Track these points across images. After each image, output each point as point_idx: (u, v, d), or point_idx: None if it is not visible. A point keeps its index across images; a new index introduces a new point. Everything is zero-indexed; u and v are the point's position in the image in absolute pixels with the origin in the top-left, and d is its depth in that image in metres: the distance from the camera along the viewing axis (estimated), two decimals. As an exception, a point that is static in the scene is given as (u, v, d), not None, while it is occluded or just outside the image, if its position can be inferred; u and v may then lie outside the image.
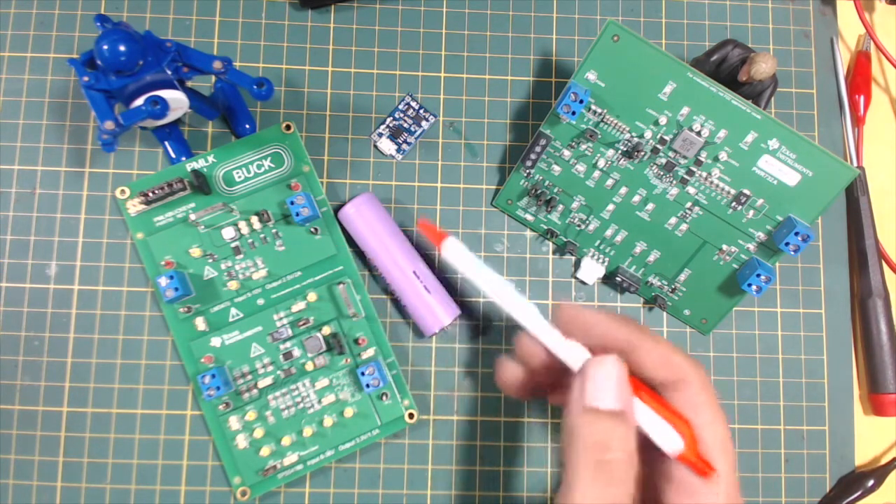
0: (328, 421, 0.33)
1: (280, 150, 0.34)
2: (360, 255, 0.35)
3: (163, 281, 0.32)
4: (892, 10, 0.40)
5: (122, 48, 0.27)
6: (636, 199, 0.34)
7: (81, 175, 0.35)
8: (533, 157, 0.34)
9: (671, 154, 0.33)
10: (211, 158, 0.34)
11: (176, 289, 0.32)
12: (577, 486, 0.22)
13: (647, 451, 0.24)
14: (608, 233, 0.35)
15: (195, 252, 0.33)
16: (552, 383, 0.27)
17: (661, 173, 0.33)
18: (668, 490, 0.24)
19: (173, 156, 0.34)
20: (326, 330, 0.33)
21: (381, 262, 0.33)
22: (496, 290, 0.27)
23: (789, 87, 0.38)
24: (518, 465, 0.34)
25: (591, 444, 0.23)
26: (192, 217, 0.33)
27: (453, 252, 0.28)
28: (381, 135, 0.36)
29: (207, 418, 0.33)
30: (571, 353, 0.25)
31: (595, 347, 0.25)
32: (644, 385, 0.24)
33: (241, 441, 0.33)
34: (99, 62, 0.27)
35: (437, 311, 0.33)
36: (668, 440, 0.23)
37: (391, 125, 0.36)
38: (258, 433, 0.33)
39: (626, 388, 0.24)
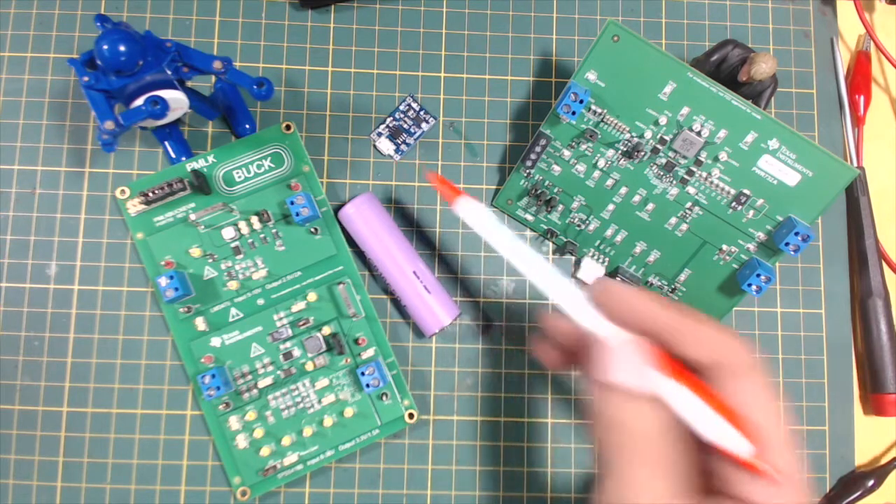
0: (328, 421, 0.33)
1: (280, 150, 0.34)
2: (360, 255, 0.35)
3: (163, 281, 0.32)
4: (892, 10, 0.40)
5: (122, 48, 0.27)
6: (636, 199, 0.34)
7: (81, 175, 0.35)
8: (533, 157, 0.34)
9: (671, 154, 0.33)
10: (211, 158, 0.34)
11: (176, 289, 0.32)
12: (610, 469, 0.21)
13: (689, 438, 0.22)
14: (608, 233, 0.35)
15: (195, 252, 0.33)
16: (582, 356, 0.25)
17: (661, 173, 0.33)
18: (721, 483, 0.22)
19: (173, 156, 0.34)
20: (326, 330, 0.33)
21: (381, 262, 0.33)
22: (520, 259, 0.25)
23: (789, 87, 0.38)
24: (518, 465, 0.34)
25: (614, 424, 0.21)
26: (192, 217, 0.33)
27: (468, 213, 0.26)
28: (380, 135, 0.36)
29: (207, 418, 0.33)
30: (603, 330, 0.23)
31: (632, 329, 0.23)
32: (688, 372, 0.22)
33: (241, 441, 0.33)
34: (99, 62, 0.27)
35: (437, 311, 0.33)
36: (730, 441, 0.21)
37: (391, 125, 0.36)
38: (258, 433, 0.33)
39: (650, 369, 0.22)
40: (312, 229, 0.34)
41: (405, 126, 0.36)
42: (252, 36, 0.36)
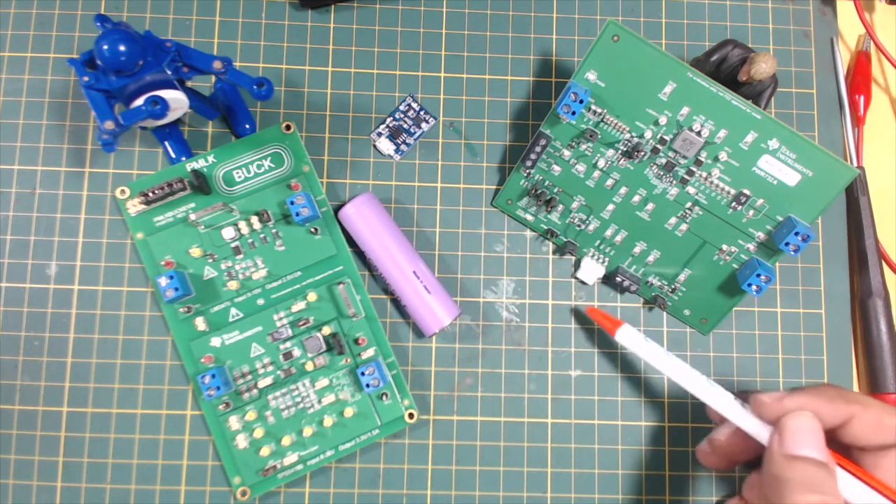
0: (328, 421, 0.33)
1: (280, 150, 0.34)
2: (360, 255, 0.35)
3: (163, 281, 0.32)
4: (892, 10, 0.40)
5: (122, 48, 0.27)
6: (636, 199, 0.34)
7: (81, 175, 0.35)
8: (533, 157, 0.34)
9: (671, 154, 0.33)
10: (211, 158, 0.34)
11: (176, 289, 0.32)
12: None
13: None
14: (608, 233, 0.35)
15: (195, 252, 0.33)
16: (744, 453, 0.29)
17: (661, 173, 0.33)
18: None
19: (173, 156, 0.34)
20: (326, 330, 0.33)
21: (381, 262, 0.33)
22: (680, 376, 0.30)
23: (789, 87, 0.38)
24: (518, 466, 0.34)
25: (801, 486, 0.24)
26: (192, 217, 0.33)
27: (629, 340, 0.32)
28: (380, 134, 0.36)
29: (207, 418, 0.33)
30: (759, 428, 0.27)
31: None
32: (841, 456, 0.25)
33: (241, 441, 0.33)
34: (99, 62, 0.27)
35: (437, 311, 0.33)
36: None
37: (391, 125, 0.36)
38: (258, 433, 0.33)
39: (823, 442, 0.25)
40: (312, 229, 0.34)
41: (405, 126, 0.36)
42: (252, 36, 0.36)
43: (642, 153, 0.33)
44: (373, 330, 0.34)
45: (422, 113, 0.36)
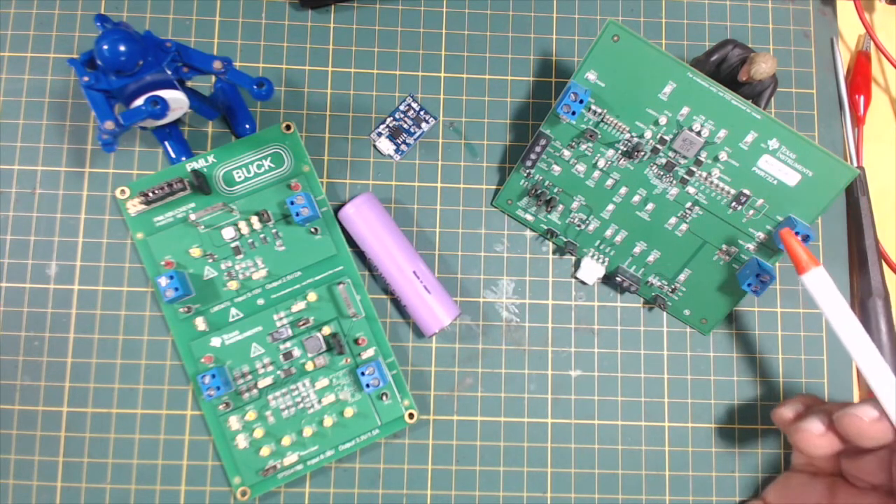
0: (328, 421, 0.33)
1: (280, 150, 0.34)
2: (360, 255, 0.35)
3: (163, 281, 0.32)
4: (892, 10, 0.40)
5: (122, 48, 0.27)
6: (636, 199, 0.34)
7: (81, 175, 0.35)
8: (533, 157, 0.34)
9: (671, 154, 0.33)
10: (211, 158, 0.34)
11: (176, 289, 0.32)
12: None
13: None
14: (608, 233, 0.35)
15: (195, 252, 0.33)
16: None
17: (661, 173, 0.33)
18: None
19: (173, 156, 0.34)
20: (326, 330, 0.33)
21: (381, 262, 0.33)
22: (853, 344, 0.28)
23: (789, 87, 0.38)
24: (518, 466, 0.34)
25: None
26: (192, 217, 0.33)
27: (817, 286, 0.28)
28: (380, 134, 0.36)
29: (207, 418, 0.33)
30: None
31: None
32: None
33: (241, 441, 0.33)
34: (99, 62, 0.27)
35: (437, 311, 0.33)
36: None
37: (391, 125, 0.36)
38: (258, 433, 0.33)
39: None
40: (312, 229, 0.34)
41: (405, 126, 0.36)
42: (252, 36, 0.36)
43: (642, 153, 0.33)
44: (373, 330, 0.34)
45: (422, 113, 0.36)
